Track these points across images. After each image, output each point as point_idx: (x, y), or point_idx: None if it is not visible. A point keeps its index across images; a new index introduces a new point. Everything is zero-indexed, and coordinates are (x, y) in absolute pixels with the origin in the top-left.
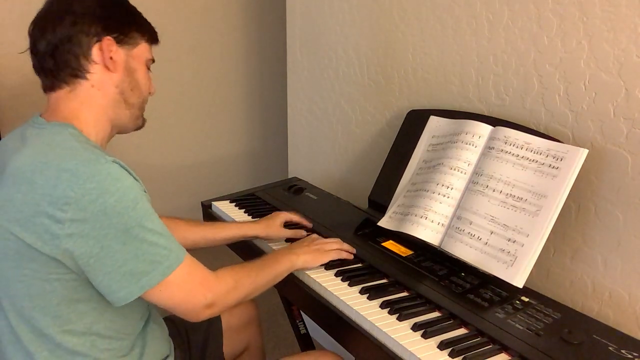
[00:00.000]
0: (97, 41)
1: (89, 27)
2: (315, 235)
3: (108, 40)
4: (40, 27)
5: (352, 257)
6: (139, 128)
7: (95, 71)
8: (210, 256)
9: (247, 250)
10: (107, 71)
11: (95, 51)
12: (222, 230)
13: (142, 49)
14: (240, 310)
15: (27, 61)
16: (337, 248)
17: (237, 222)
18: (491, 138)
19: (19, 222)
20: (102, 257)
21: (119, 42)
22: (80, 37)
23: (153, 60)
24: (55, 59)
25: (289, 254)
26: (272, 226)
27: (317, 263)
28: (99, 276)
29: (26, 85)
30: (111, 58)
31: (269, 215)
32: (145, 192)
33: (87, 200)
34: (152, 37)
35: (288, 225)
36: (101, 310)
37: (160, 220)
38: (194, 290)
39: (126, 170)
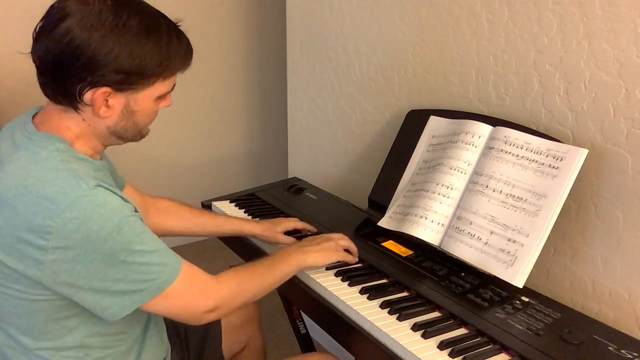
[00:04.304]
0: (91, 88)
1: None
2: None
3: (104, 92)
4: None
5: (356, 259)
6: (140, 139)
7: (87, 111)
8: (208, 256)
9: (248, 251)
10: (97, 117)
11: (87, 95)
12: (224, 224)
13: (154, 89)
14: (240, 308)
15: (27, 61)
16: (347, 245)
17: (239, 218)
18: (491, 138)
19: (1, 246)
20: (91, 280)
21: (120, 90)
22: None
23: (174, 86)
24: (49, 77)
25: (297, 253)
26: (271, 230)
27: (326, 261)
28: (89, 296)
29: (24, 86)
30: (107, 105)
31: (273, 219)
32: (136, 211)
33: (69, 230)
34: (173, 72)
35: (290, 233)
36: (91, 324)
37: (153, 235)
38: (193, 298)
39: (111, 191)
